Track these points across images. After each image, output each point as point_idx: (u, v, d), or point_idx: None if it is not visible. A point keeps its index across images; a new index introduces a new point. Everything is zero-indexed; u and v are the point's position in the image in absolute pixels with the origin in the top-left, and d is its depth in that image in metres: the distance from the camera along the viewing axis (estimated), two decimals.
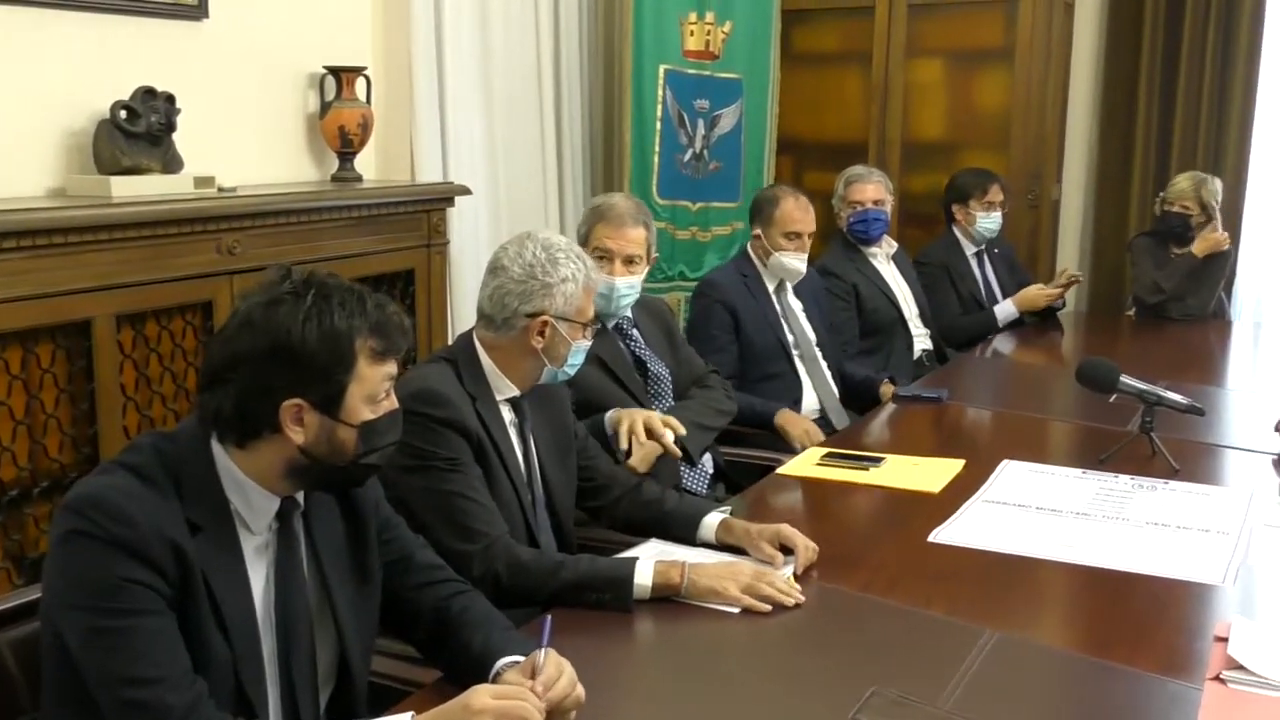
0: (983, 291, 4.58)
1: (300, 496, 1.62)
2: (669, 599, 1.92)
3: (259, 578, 1.58)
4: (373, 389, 1.57)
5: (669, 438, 2.57)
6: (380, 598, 1.73)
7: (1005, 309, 4.52)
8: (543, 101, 4.57)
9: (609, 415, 2.66)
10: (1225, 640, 1.73)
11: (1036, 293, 4.53)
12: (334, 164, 3.70)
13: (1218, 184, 4.54)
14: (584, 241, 2.83)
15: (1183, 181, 4.54)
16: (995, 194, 4.49)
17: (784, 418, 3.32)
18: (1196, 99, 4.95)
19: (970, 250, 4.56)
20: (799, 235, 3.54)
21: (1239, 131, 4.91)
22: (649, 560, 1.95)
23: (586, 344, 2.24)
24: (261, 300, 1.53)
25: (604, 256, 2.80)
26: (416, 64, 3.92)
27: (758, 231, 3.60)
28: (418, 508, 2.00)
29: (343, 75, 3.63)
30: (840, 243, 4.21)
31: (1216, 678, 1.65)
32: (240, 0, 3.40)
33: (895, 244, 4.29)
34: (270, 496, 1.57)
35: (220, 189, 3.05)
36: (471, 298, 3.86)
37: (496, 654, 1.61)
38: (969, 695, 1.63)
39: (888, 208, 4.19)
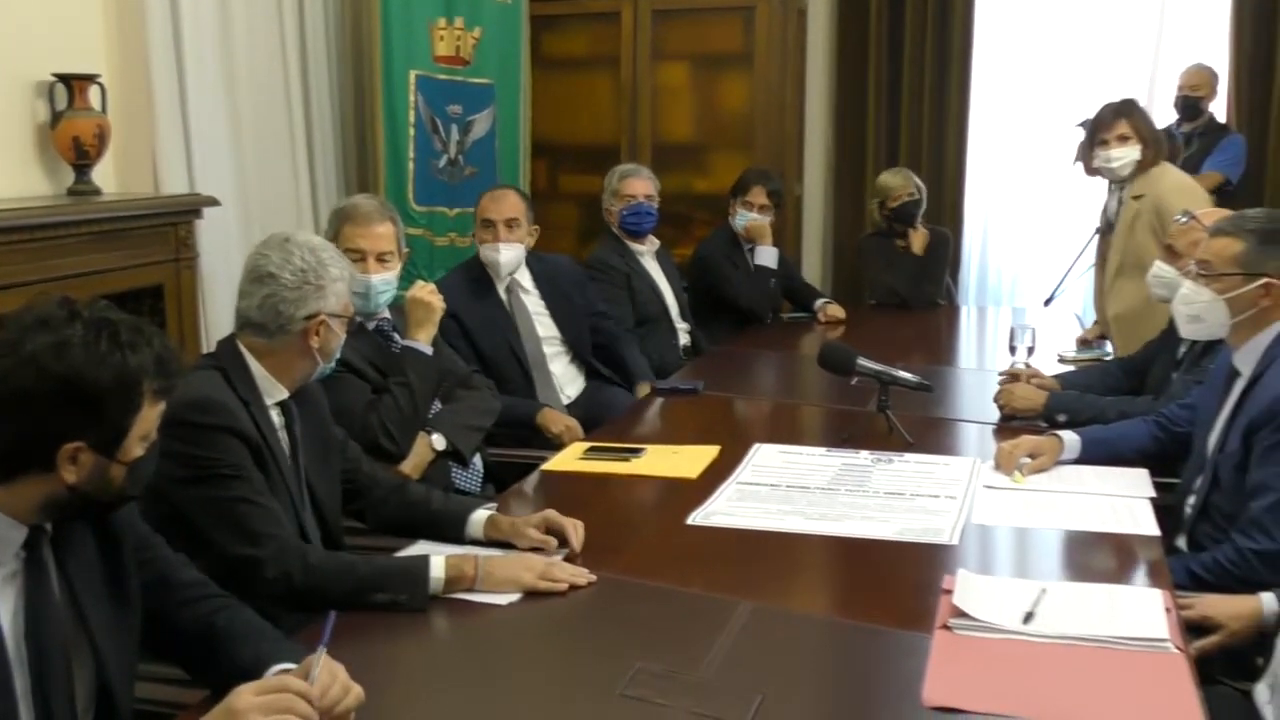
0: None
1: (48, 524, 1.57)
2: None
3: (8, 609, 1.51)
4: (148, 428, 1.56)
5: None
6: (141, 619, 1.69)
7: (762, 253, 4.65)
8: (291, 108, 4.49)
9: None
10: (951, 592, 1.91)
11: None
12: (69, 177, 3.53)
13: None
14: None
15: (895, 178, 4.83)
16: (755, 195, 4.60)
17: (544, 416, 3.39)
18: (919, 101, 5.36)
19: (746, 246, 4.70)
20: (492, 224, 3.51)
21: (956, 131, 5.34)
22: (440, 555, 2.00)
23: (344, 334, 2.27)
24: (50, 340, 1.45)
25: (358, 257, 2.79)
26: (155, 70, 3.78)
27: (472, 234, 3.63)
28: (200, 519, 1.97)
29: (74, 83, 3.46)
30: (610, 239, 4.32)
31: (944, 626, 1.83)
32: None
33: (658, 241, 4.43)
34: (18, 526, 1.52)
35: None
36: (224, 311, 3.77)
37: (267, 663, 1.60)
38: (727, 663, 1.75)
39: (655, 204, 4.32)
